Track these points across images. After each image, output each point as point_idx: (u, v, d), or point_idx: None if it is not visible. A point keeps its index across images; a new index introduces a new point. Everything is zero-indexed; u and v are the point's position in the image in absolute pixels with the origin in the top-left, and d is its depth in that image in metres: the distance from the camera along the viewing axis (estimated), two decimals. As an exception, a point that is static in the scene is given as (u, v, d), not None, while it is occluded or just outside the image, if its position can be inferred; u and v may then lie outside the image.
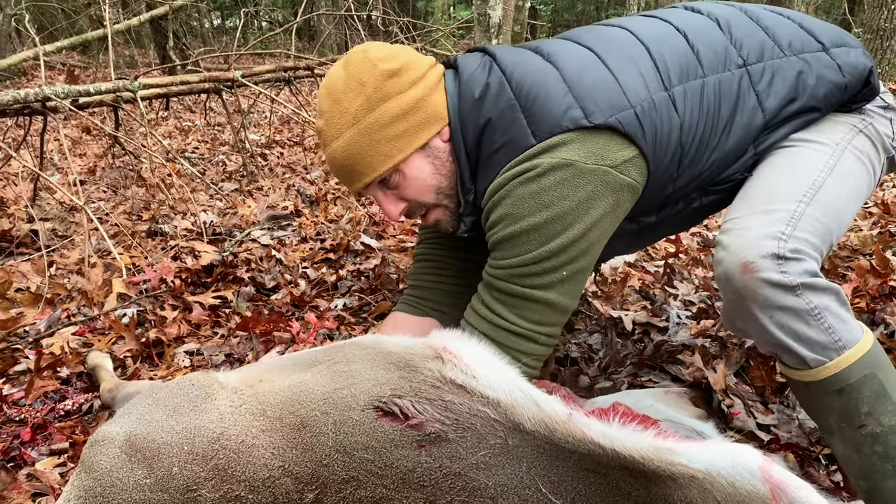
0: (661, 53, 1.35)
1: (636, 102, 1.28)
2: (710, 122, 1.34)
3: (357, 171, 1.36)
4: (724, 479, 0.94)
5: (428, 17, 15.37)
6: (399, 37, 5.89)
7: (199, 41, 14.84)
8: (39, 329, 2.17)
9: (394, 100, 1.32)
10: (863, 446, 1.17)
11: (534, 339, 1.31)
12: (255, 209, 3.57)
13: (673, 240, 2.88)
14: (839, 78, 1.37)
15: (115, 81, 3.54)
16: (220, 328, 2.27)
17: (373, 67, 1.32)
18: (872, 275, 2.13)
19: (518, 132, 1.28)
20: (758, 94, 1.36)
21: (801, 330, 1.16)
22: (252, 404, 1.10)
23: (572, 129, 1.25)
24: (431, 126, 1.35)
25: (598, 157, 1.24)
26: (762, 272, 1.16)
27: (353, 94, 1.32)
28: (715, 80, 1.35)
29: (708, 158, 1.37)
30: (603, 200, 1.26)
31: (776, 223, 1.21)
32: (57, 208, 3.69)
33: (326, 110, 1.35)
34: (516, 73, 1.33)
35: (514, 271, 1.29)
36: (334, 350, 1.22)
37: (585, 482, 0.99)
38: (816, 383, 1.19)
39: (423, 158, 1.37)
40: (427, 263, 1.69)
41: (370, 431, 1.04)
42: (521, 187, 1.25)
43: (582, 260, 1.29)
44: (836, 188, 1.30)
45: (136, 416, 1.11)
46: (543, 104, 1.27)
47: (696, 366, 1.82)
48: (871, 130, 1.42)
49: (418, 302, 1.67)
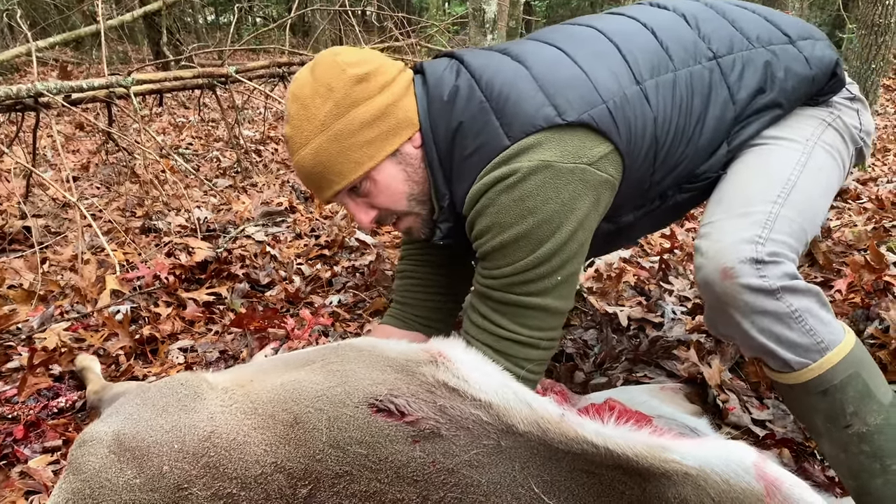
0: (630, 50, 1.34)
1: (608, 97, 1.26)
2: (683, 116, 1.33)
3: (327, 179, 1.32)
4: (719, 476, 0.93)
5: (423, 12, 15.33)
6: (394, 32, 5.87)
7: (193, 37, 14.77)
8: (32, 326, 2.16)
9: (363, 105, 1.28)
10: (850, 446, 1.17)
11: (535, 346, 1.31)
12: (249, 205, 3.56)
13: (668, 235, 2.88)
14: (806, 70, 1.38)
15: (108, 77, 3.52)
16: (214, 325, 2.26)
17: (341, 72, 1.28)
18: (867, 270, 2.13)
19: (491, 134, 1.26)
20: (729, 87, 1.35)
21: (782, 333, 1.17)
22: (243, 403, 1.09)
23: (546, 128, 1.23)
24: (402, 132, 1.32)
25: (575, 155, 1.23)
26: (741, 277, 1.16)
27: (321, 99, 1.28)
28: (686, 73, 1.34)
29: (682, 152, 1.36)
30: (585, 199, 1.24)
31: (752, 227, 1.21)
32: (50, 205, 3.68)
33: (294, 115, 1.31)
34: (485, 74, 1.30)
35: (507, 280, 1.28)
36: (328, 351, 1.21)
37: (578, 482, 0.99)
38: (801, 385, 1.19)
39: (394, 165, 1.33)
40: (412, 281, 1.67)
41: (364, 427, 1.03)
42: (503, 195, 1.23)
43: (573, 262, 1.28)
44: (809, 186, 1.31)
45: (125, 415, 1.09)
46: (515, 104, 1.25)
47: (691, 361, 1.82)
48: (840, 123, 1.42)
49: (405, 317, 1.65)
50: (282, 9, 14.93)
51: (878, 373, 1.20)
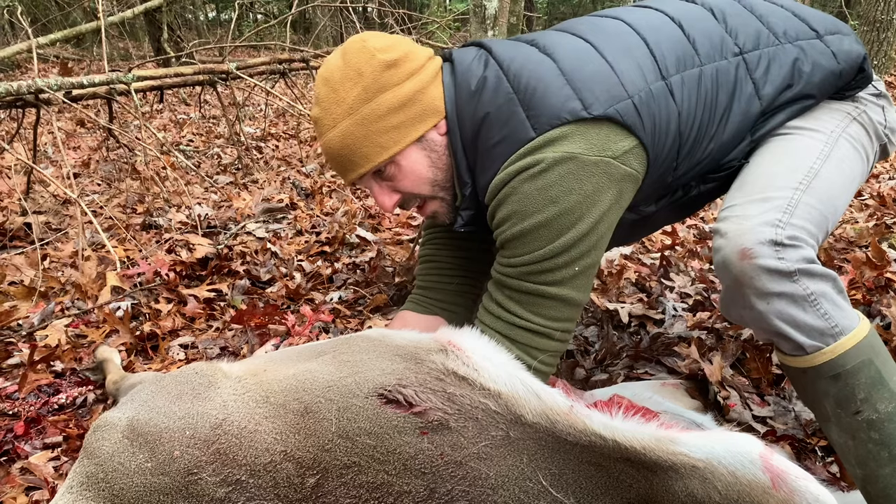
0: (657, 43, 1.35)
1: (634, 92, 1.27)
2: (707, 111, 1.34)
3: (352, 162, 1.35)
4: (725, 468, 0.93)
5: (424, 8, 15.33)
6: (395, 29, 5.86)
7: (194, 33, 14.77)
8: (33, 322, 2.15)
9: (391, 91, 1.31)
10: (858, 433, 1.17)
11: (550, 336, 1.31)
12: (250, 202, 3.56)
13: (669, 232, 2.88)
14: (834, 65, 1.38)
15: (108, 73, 3.52)
16: (214, 321, 2.26)
17: (371, 57, 1.31)
18: (868, 267, 2.13)
19: (517, 125, 1.27)
20: (755, 82, 1.36)
21: (797, 316, 1.17)
22: (256, 392, 1.11)
23: (571, 122, 1.24)
24: (428, 119, 1.34)
25: (600, 148, 1.24)
26: (760, 259, 1.16)
27: (350, 83, 1.31)
28: (712, 68, 1.34)
29: (706, 147, 1.37)
30: (608, 192, 1.25)
31: (773, 210, 1.22)
32: (51, 201, 3.67)
33: (323, 98, 1.34)
34: (513, 66, 1.32)
35: (526, 269, 1.28)
36: (340, 342, 1.22)
37: (586, 475, 0.99)
38: (813, 369, 1.19)
39: (419, 151, 1.36)
40: (432, 264, 1.68)
41: (374, 417, 1.04)
42: (526, 184, 1.24)
43: (593, 254, 1.29)
44: (832, 175, 1.31)
45: (139, 402, 1.12)
46: (542, 97, 1.26)
47: (692, 358, 1.82)
48: (865, 118, 1.42)
49: (426, 301, 1.66)
50: (283, 5, 14.91)
51: (891, 362, 1.20)
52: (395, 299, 2.39)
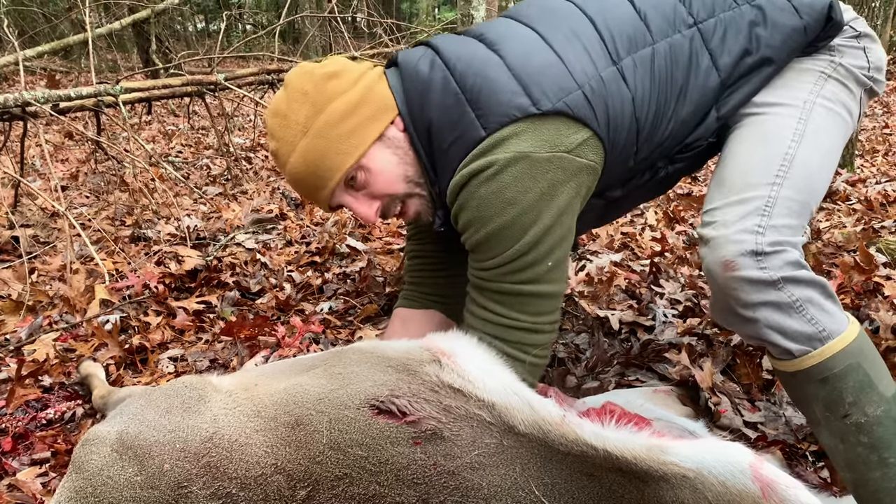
0: (606, 24, 1.32)
1: (584, 82, 1.25)
2: (663, 91, 1.31)
3: (320, 178, 1.32)
4: (716, 478, 0.94)
5: (412, 18, 15.37)
6: (383, 39, 5.88)
7: (183, 44, 14.75)
8: (21, 337, 2.14)
9: (339, 99, 1.30)
10: (848, 436, 1.18)
11: (539, 331, 1.32)
12: (239, 213, 3.55)
13: (658, 238, 2.89)
14: (796, 21, 1.32)
15: (96, 86, 3.50)
16: (204, 333, 2.24)
17: (311, 75, 1.31)
18: (856, 271, 2.15)
19: (468, 125, 1.26)
20: (711, 53, 1.32)
21: (783, 322, 1.18)
22: (247, 406, 1.10)
23: (521, 119, 1.23)
24: (382, 116, 1.33)
25: (552, 144, 1.23)
26: (742, 270, 1.17)
27: (297, 104, 1.30)
28: (665, 45, 1.31)
29: (666, 128, 1.35)
30: (565, 186, 1.25)
31: (752, 215, 1.22)
32: (38, 214, 3.65)
33: (276, 129, 1.33)
34: (459, 65, 1.30)
35: (499, 271, 1.28)
36: (331, 355, 1.22)
37: (578, 485, 0.99)
38: (802, 373, 1.20)
39: (383, 149, 1.33)
40: (419, 259, 1.69)
41: (365, 428, 1.04)
42: (482, 188, 1.24)
43: (563, 245, 1.29)
44: (809, 156, 1.29)
45: (129, 415, 1.11)
46: (489, 95, 1.25)
47: (682, 364, 1.82)
48: (841, 71, 1.36)
49: (418, 296, 1.67)
50: (271, 15, 14.92)
51: (881, 365, 1.20)
52: (386, 309, 2.38)
